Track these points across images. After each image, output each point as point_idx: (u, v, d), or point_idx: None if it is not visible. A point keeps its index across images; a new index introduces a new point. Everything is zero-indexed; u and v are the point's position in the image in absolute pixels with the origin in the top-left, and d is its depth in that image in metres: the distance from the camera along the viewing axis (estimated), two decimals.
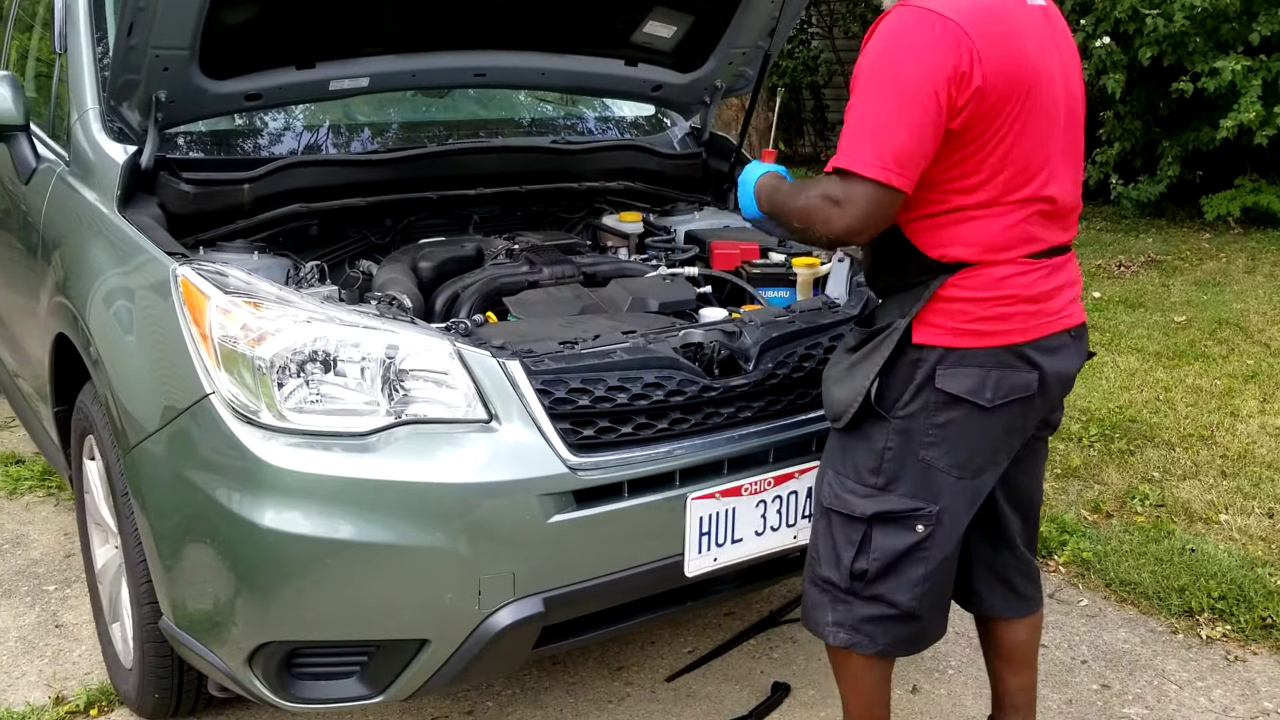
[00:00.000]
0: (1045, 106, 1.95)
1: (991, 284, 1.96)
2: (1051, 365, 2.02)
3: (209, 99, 2.70)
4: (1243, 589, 3.16)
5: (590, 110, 3.85)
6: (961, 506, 2.06)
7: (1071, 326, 2.07)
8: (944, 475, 2.02)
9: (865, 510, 2.06)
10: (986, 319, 1.96)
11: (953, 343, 1.97)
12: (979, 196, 1.93)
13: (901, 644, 2.15)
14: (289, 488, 2.03)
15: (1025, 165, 1.94)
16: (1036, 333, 2.00)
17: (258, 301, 2.15)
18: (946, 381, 1.97)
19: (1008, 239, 1.96)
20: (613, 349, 2.28)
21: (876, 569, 2.07)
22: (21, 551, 3.50)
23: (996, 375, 1.97)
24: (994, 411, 1.99)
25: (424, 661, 2.13)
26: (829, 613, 2.15)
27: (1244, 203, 7.57)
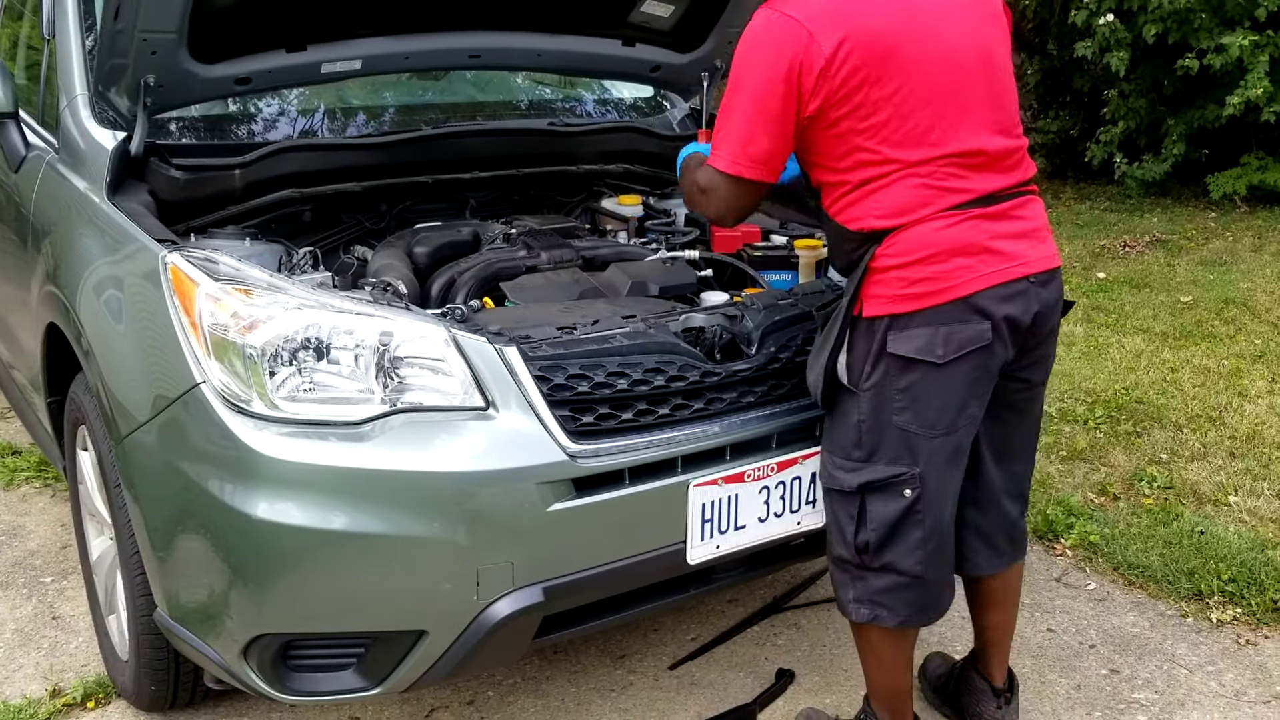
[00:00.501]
0: (930, 69, 2.01)
1: (914, 245, 2.03)
2: (1005, 312, 2.05)
3: (198, 83, 2.66)
4: (1253, 571, 3.12)
5: (588, 92, 3.80)
6: (943, 463, 2.12)
7: (1030, 274, 2.08)
8: (918, 437, 2.08)
9: (853, 483, 2.14)
10: (922, 280, 2.02)
11: (896, 309, 2.05)
12: (871, 169, 2.04)
13: (918, 612, 2.21)
14: (282, 478, 1.99)
15: (913, 128, 2.01)
16: (982, 283, 2.03)
17: (248, 288, 2.11)
18: (897, 345, 2.04)
19: (915, 199, 2.03)
20: (612, 334, 2.24)
21: (876, 539, 2.14)
22: (18, 543, 3.47)
23: (945, 331, 2.02)
24: (950, 366, 2.04)
25: (422, 653, 2.09)
26: (849, 590, 2.24)
27: (1250, 181, 7.50)
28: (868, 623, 2.22)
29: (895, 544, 2.14)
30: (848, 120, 2.01)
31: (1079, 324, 5.47)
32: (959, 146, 2.03)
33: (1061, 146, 8.95)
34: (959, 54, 2.06)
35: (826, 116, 2.02)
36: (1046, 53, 8.84)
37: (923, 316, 2.03)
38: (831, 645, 2.89)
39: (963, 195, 2.04)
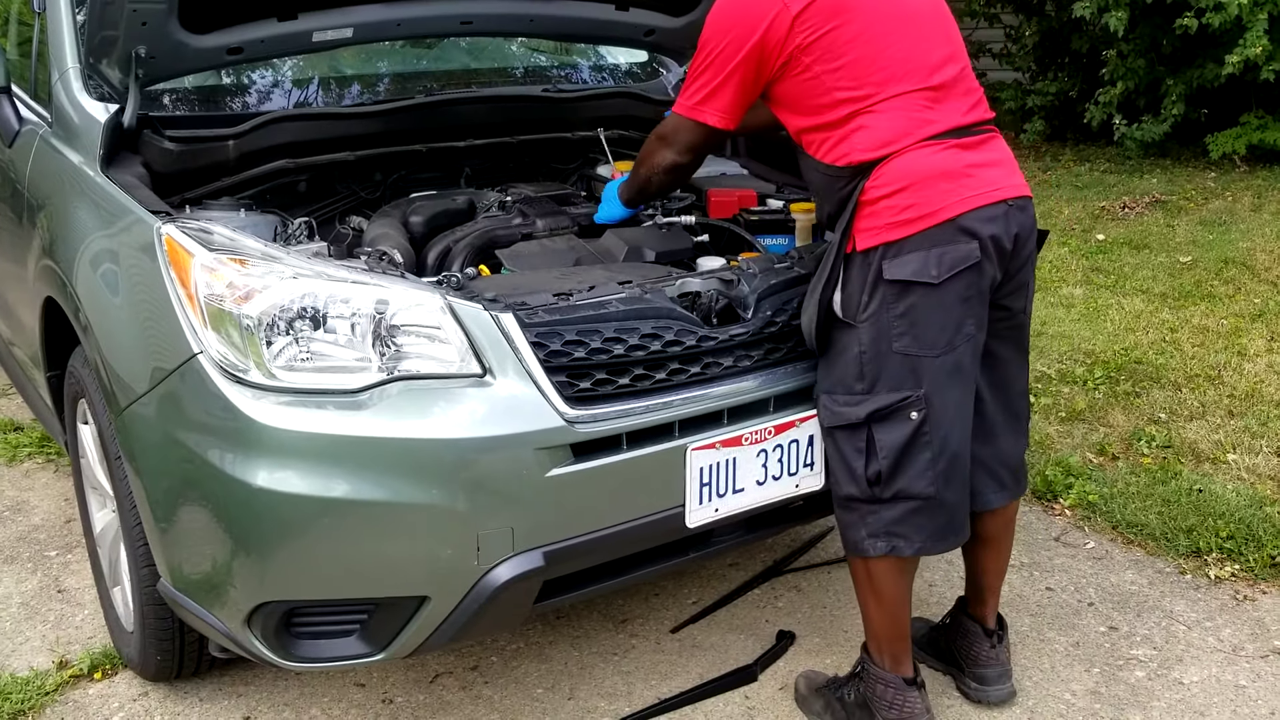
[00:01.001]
0: (887, 11, 2.20)
1: (901, 174, 2.13)
2: (989, 232, 2.15)
3: (190, 54, 2.64)
4: (1251, 528, 3.13)
5: (582, 58, 3.78)
6: (946, 382, 2.18)
7: (1008, 198, 2.19)
8: (920, 359, 2.16)
9: (860, 414, 2.20)
10: (911, 205, 2.12)
11: (890, 237, 2.13)
12: (851, 107, 2.17)
13: (935, 538, 2.25)
14: (281, 447, 2.00)
15: (883, 64, 2.17)
16: (966, 205, 2.13)
17: (243, 258, 2.11)
18: (894, 270, 2.13)
19: (896, 130, 2.15)
20: (609, 300, 2.24)
21: (888, 466, 2.19)
22: (22, 518, 3.49)
23: (938, 253, 2.12)
24: (945, 286, 2.13)
25: (424, 619, 2.11)
26: (861, 528, 2.27)
27: (1250, 140, 7.46)
28: (885, 555, 2.24)
29: (906, 469, 2.19)
30: (819, 64, 2.17)
31: (1078, 285, 5.47)
32: (925, 80, 2.18)
33: (1060, 108, 8.90)
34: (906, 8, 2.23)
35: (799, 63, 2.17)
36: (1044, 13, 8.77)
37: (915, 241, 2.12)
38: (832, 607, 2.91)
39: (937, 126, 2.17)
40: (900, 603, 2.31)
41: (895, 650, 2.34)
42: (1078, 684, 2.59)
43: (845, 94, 2.17)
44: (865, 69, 2.16)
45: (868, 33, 2.17)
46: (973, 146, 2.20)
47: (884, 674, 2.34)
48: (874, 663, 2.36)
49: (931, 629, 2.68)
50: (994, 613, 2.54)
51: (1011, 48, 9.44)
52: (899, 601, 2.31)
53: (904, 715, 2.31)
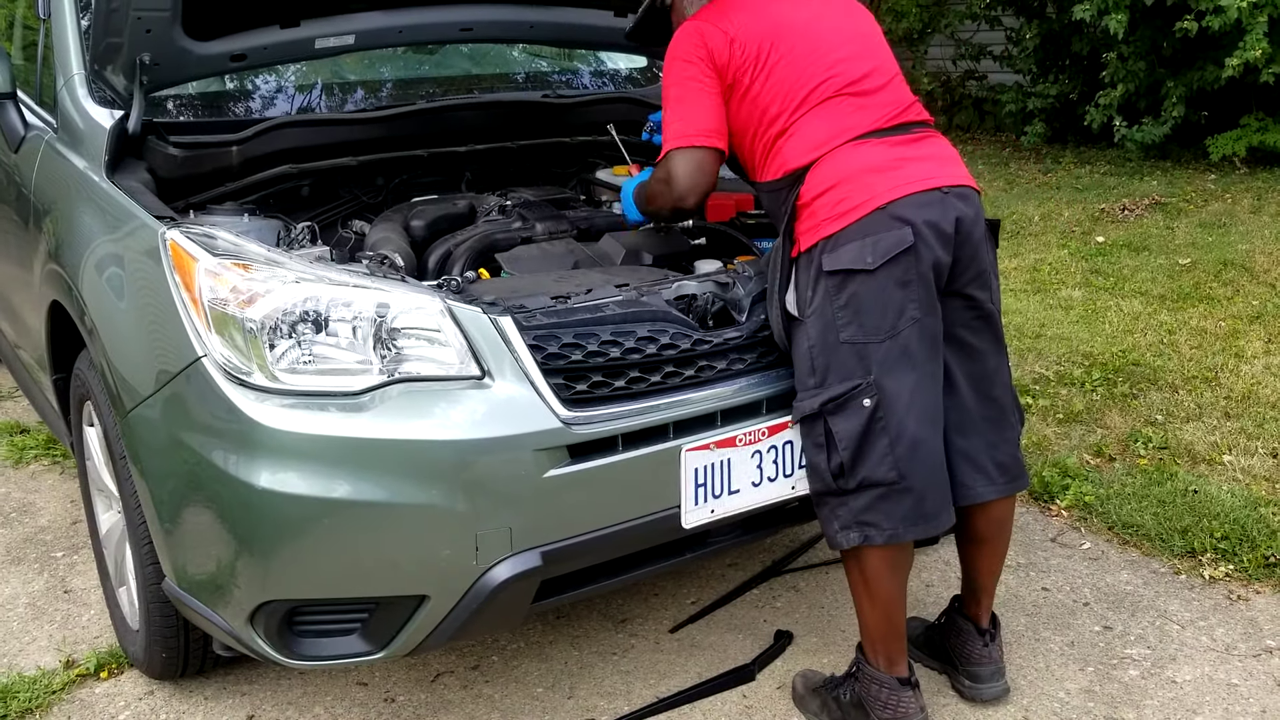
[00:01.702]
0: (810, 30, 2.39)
1: (831, 171, 2.27)
2: (923, 217, 2.22)
3: (193, 60, 2.68)
4: (1245, 529, 3.16)
5: (583, 64, 3.81)
6: (896, 366, 2.23)
7: (942, 185, 2.26)
8: (865, 346, 2.22)
9: (814, 406, 2.26)
10: (842, 200, 2.24)
11: (826, 231, 2.24)
12: (781, 121, 2.34)
13: (906, 523, 2.27)
14: (283, 448, 2.03)
15: (807, 84, 2.34)
16: (896, 193, 2.22)
17: (247, 263, 2.14)
18: (831, 262, 2.22)
19: (824, 133, 2.30)
20: (606, 303, 2.27)
21: (848, 456, 2.24)
22: (29, 519, 3.53)
23: (872, 240, 2.20)
24: (881, 271, 2.20)
25: (424, 617, 2.14)
26: (834, 521, 2.31)
27: (1249, 142, 7.49)
28: (859, 545, 2.27)
29: (866, 456, 2.23)
30: (757, 83, 2.35)
31: (1077, 288, 5.49)
32: (852, 87, 2.34)
33: (1060, 110, 8.93)
34: (830, 21, 2.43)
35: (741, 84, 2.37)
36: (1045, 16, 8.80)
37: (849, 232, 2.21)
38: (829, 607, 2.94)
39: (865, 126, 2.31)
40: (893, 601, 2.33)
41: (890, 650, 2.36)
42: (1072, 683, 2.61)
43: (778, 108, 2.34)
44: (794, 83, 2.33)
45: (796, 50, 2.36)
46: (904, 143, 2.31)
47: (879, 674, 2.36)
48: (869, 663, 2.38)
49: (927, 628, 2.71)
50: (988, 612, 2.56)
51: (1012, 50, 9.47)
52: (892, 600, 2.33)
53: (898, 715, 2.33)
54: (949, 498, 2.33)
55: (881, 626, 2.35)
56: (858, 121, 2.31)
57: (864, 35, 2.45)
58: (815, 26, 2.40)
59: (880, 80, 2.38)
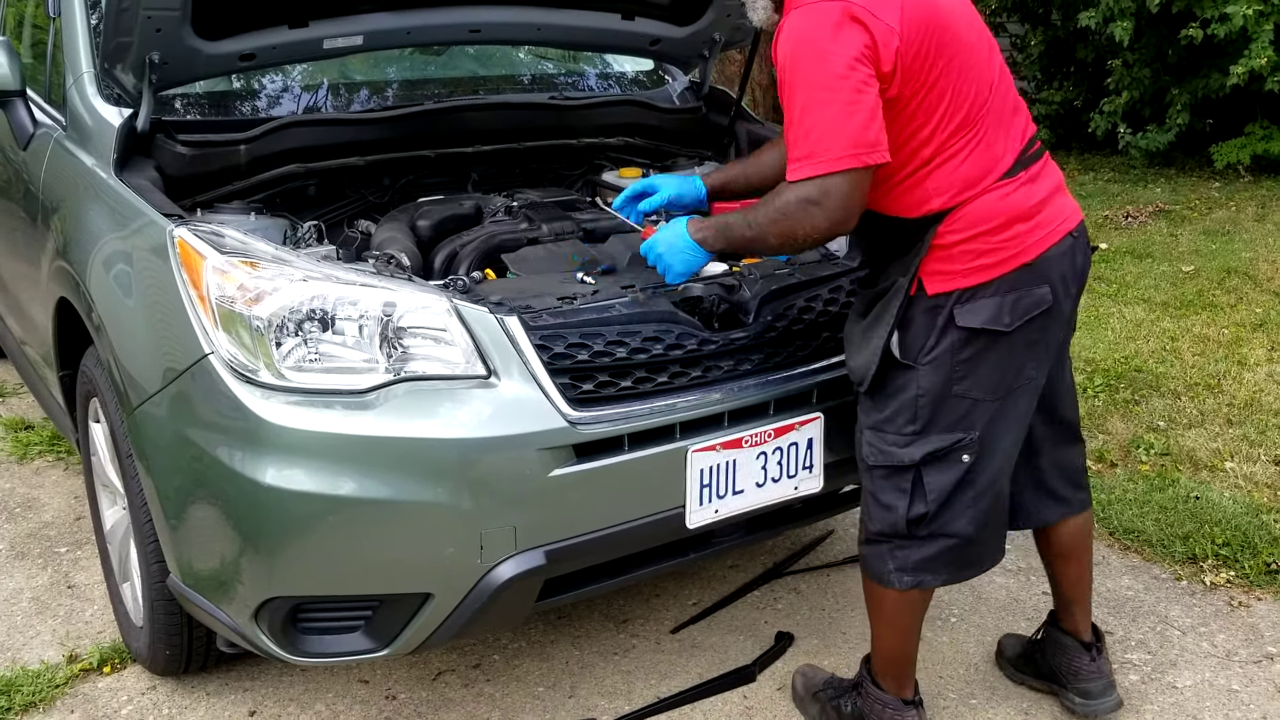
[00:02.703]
0: (964, 45, 2.06)
1: (978, 219, 2.07)
2: (1060, 270, 2.13)
3: (202, 60, 2.69)
4: (1247, 535, 3.16)
5: (589, 66, 3.82)
6: (1000, 427, 2.17)
7: (1072, 229, 2.16)
8: (978, 403, 2.13)
9: (913, 457, 2.16)
10: (989, 251, 2.07)
11: (965, 283, 2.08)
12: (932, 147, 2.05)
13: (961, 569, 2.26)
14: (289, 446, 2.04)
15: (964, 103, 2.05)
16: (1040, 247, 2.10)
17: (254, 261, 2.16)
18: (966, 318, 2.08)
19: (974, 172, 2.07)
20: (611, 304, 2.28)
21: (934, 510, 2.17)
22: (33, 515, 3.54)
23: (1012, 299, 2.08)
24: (1015, 333, 2.10)
25: (428, 615, 2.15)
26: (889, 561, 2.24)
27: (1254, 150, 7.50)
28: (911, 589, 2.23)
29: (949, 509, 2.17)
30: (916, 98, 2.02)
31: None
32: (995, 112, 2.09)
33: (1065, 117, 8.94)
34: (973, 23, 2.11)
35: (901, 97, 2.01)
36: (1050, 23, 8.81)
37: (989, 287, 2.08)
38: (830, 609, 2.95)
39: (1006, 162, 2.09)
40: (911, 631, 2.31)
41: (900, 673, 2.35)
42: None
43: (931, 129, 2.03)
44: (953, 103, 2.04)
45: (956, 64, 2.03)
46: (1036, 178, 2.13)
47: (883, 695, 2.34)
48: (874, 683, 2.36)
49: (1026, 645, 2.62)
50: (1087, 624, 2.49)
51: (1017, 57, 9.48)
52: (910, 630, 2.31)
53: None
54: (1002, 540, 2.30)
55: (895, 652, 2.33)
56: (1002, 150, 2.09)
57: (991, 37, 2.17)
58: (965, 26, 2.08)
59: (1006, 91, 2.14)
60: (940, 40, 2.01)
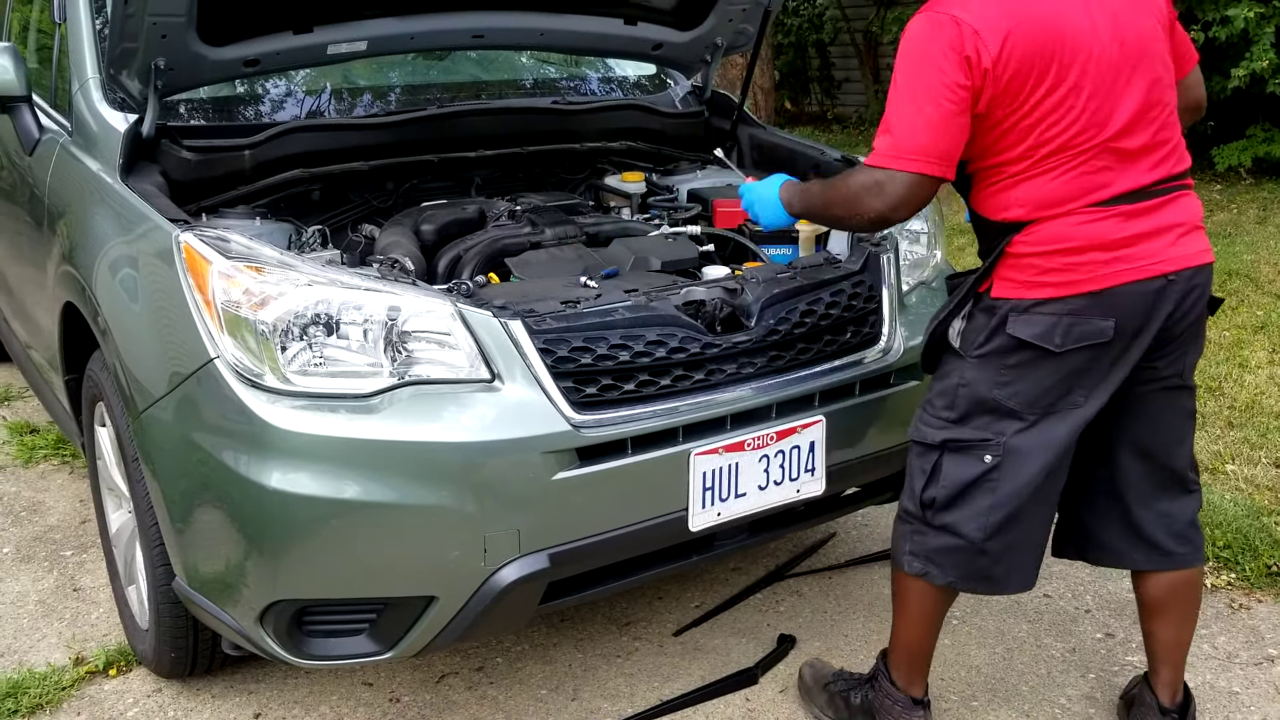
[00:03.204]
0: (1087, 63, 2.03)
1: (1052, 238, 2.07)
2: (1132, 310, 2.08)
3: (207, 65, 2.70)
4: (1248, 538, 3.17)
5: (592, 70, 3.84)
6: (1030, 443, 2.15)
7: (1170, 271, 2.09)
8: (1014, 412, 2.15)
9: (936, 439, 2.22)
10: (1054, 270, 2.07)
11: (1025, 294, 2.10)
12: (1022, 164, 2.07)
13: (973, 580, 2.26)
14: (294, 449, 2.06)
15: (1066, 130, 2.04)
16: (1112, 280, 2.06)
17: (260, 266, 2.17)
18: (1018, 328, 2.11)
19: (1061, 194, 2.06)
20: (615, 307, 2.30)
21: (944, 497, 2.21)
22: (39, 518, 3.55)
23: (1067, 322, 2.08)
24: (1063, 356, 2.10)
25: (431, 618, 2.16)
26: (906, 543, 2.30)
27: (1255, 153, 7.51)
28: (917, 576, 2.28)
29: (961, 507, 2.20)
30: (1011, 118, 2.04)
31: None
32: (1110, 141, 2.05)
33: None
34: (1114, 46, 2.06)
35: (992, 115, 2.04)
36: None
37: (1048, 305, 2.08)
38: (832, 612, 2.96)
39: (1108, 191, 2.06)
40: (924, 623, 2.33)
41: (911, 669, 2.38)
42: (1073, 689, 2.63)
43: (1023, 149, 2.06)
44: (1050, 128, 2.03)
45: (1066, 86, 2.02)
46: (1143, 213, 2.07)
47: (893, 690, 2.37)
48: (888, 676, 2.39)
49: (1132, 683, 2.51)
50: (1172, 689, 2.37)
51: None
52: (922, 621, 2.33)
53: None
54: (1030, 570, 2.27)
55: (910, 645, 2.36)
56: (1107, 180, 2.06)
57: (1146, 52, 2.09)
58: (1094, 37, 2.04)
59: (1151, 122, 2.09)
60: (1046, 69, 2.01)
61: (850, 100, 12.23)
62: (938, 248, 2.89)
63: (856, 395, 2.50)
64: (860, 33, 11.56)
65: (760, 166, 3.45)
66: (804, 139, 3.46)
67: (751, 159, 3.49)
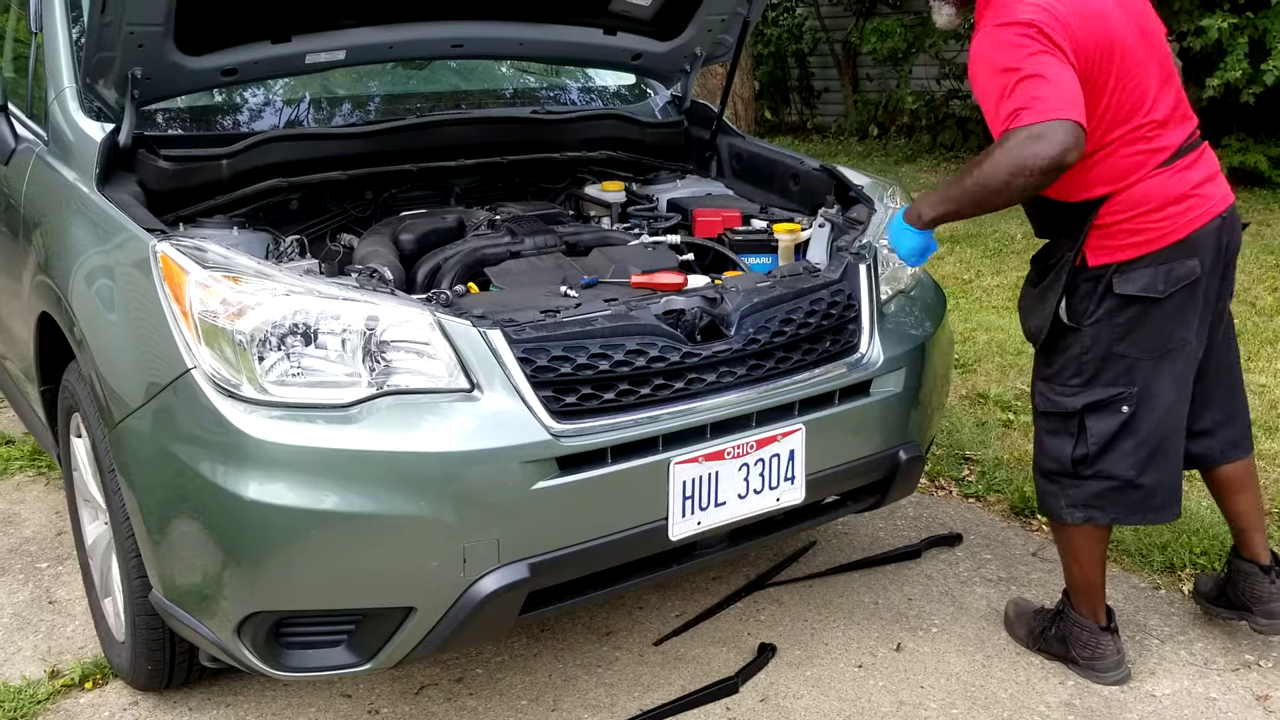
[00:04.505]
0: (1129, 55, 2.38)
1: (1135, 203, 2.41)
2: (1209, 246, 2.46)
3: (185, 75, 2.70)
4: (1224, 544, 3.19)
5: (572, 80, 3.84)
6: (1159, 382, 2.49)
7: (1222, 211, 2.49)
8: (1137, 360, 2.48)
9: (1076, 405, 2.52)
10: (1143, 229, 2.41)
11: (1122, 257, 2.44)
12: (1093, 143, 2.35)
13: (1131, 511, 2.57)
14: (272, 460, 2.05)
15: (1126, 106, 2.38)
16: (1191, 227, 2.43)
17: (237, 276, 2.16)
18: (1124, 286, 2.44)
19: (1132, 164, 2.41)
20: (594, 316, 2.30)
21: (1095, 451, 2.52)
22: (13, 530, 3.52)
23: (1165, 270, 2.43)
24: (1167, 300, 2.44)
25: (410, 629, 2.15)
26: (1061, 499, 2.60)
27: (1231, 162, 7.58)
28: (1081, 524, 2.55)
29: (1110, 453, 2.51)
30: (1086, 103, 2.27)
31: None
32: (1156, 112, 2.42)
33: None
34: (1137, 35, 2.42)
35: None
36: None
37: (1144, 260, 2.42)
38: (813, 620, 2.96)
39: (1165, 153, 2.43)
40: (1095, 563, 2.63)
41: (1091, 602, 2.67)
42: (1053, 696, 2.64)
43: (1091, 134, 2.30)
44: (1111, 109, 2.36)
45: (1121, 72, 2.36)
46: (1191, 165, 2.46)
47: (1081, 619, 2.68)
48: (1074, 609, 2.69)
49: (1215, 583, 2.84)
50: (1265, 549, 2.72)
51: None
52: (1094, 563, 2.63)
53: (1096, 655, 2.67)
54: (1178, 493, 2.58)
55: (1083, 583, 2.66)
56: (1161, 145, 2.41)
57: (1156, 33, 2.48)
58: (1135, 43, 2.39)
59: (1172, 91, 2.46)
60: (1108, 55, 2.34)
61: (830, 110, 12.28)
62: None
63: (836, 404, 2.51)
64: (840, 43, 11.62)
65: (739, 176, 3.47)
66: (784, 149, 3.47)
67: (731, 169, 3.50)
